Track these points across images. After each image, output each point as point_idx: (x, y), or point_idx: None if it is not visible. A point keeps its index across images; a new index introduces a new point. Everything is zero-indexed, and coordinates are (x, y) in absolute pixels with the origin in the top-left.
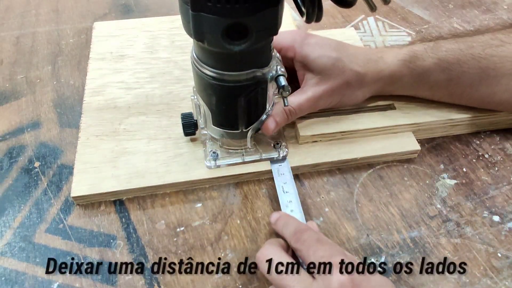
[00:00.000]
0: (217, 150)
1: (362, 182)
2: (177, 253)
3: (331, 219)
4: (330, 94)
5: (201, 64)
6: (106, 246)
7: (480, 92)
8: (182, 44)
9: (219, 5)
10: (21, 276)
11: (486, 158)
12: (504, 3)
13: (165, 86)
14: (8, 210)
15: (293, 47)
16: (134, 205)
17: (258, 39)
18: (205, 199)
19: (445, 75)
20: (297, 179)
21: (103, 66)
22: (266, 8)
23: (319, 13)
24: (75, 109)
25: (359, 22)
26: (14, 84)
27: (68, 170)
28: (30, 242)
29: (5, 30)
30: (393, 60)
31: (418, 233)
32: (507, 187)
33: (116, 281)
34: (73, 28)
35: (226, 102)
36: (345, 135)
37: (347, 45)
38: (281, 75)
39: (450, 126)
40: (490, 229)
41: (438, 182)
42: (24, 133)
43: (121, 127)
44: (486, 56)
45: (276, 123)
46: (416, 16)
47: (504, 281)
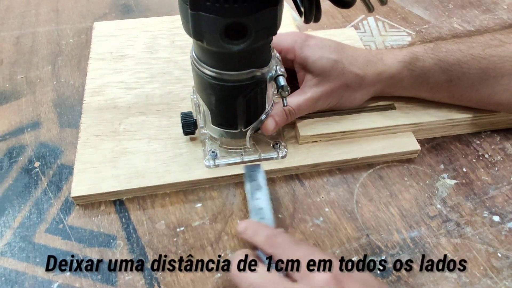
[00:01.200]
0: (216, 149)
1: (362, 182)
2: (177, 253)
3: (331, 219)
4: (329, 96)
5: (200, 63)
6: (106, 246)
7: (480, 93)
8: (182, 44)
9: (218, 5)
10: (21, 276)
11: (486, 158)
12: (504, 3)
13: (165, 86)
14: (8, 210)
15: (293, 49)
16: (134, 205)
17: (257, 39)
18: (205, 199)
19: (445, 76)
20: (297, 179)
21: (103, 66)
22: (265, 7)
23: (317, 13)
24: (75, 109)
25: (359, 22)
26: (14, 84)
27: (68, 170)
28: (30, 242)
29: (5, 30)
30: (392, 62)
31: (418, 233)
32: (507, 187)
33: (116, 281)
34: (73, 28)
35: (225, 102)
36: (345, 135)
37: (347, 46)
38: (281, 75)
39: (450, 126)
40: (490, 229)
41: (438, 182)
42: (24, 133)
43: (121, 127)
44: (486, 56)
45: (275, 123)
46: (416, 16)
47: (504, 281)
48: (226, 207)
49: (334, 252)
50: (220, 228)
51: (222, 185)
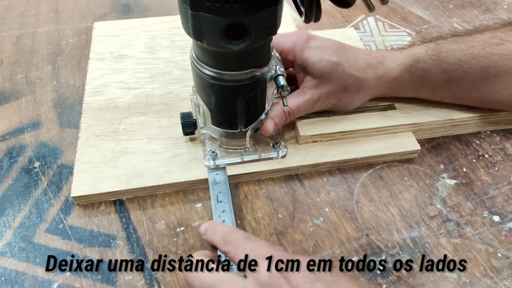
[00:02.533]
0: (216, 149)
1: (362, 182)
2: (177, 253)
3: (331, 219)
4: (328, 97)
5: (200, 63)
6: (106, 246)
7: (481, 91)
8: (182, 44)
9: (218, 5)
10: (21, 276)
11: (486, 158)
12: (504, 3)
13: (165, 86)
14: (8, 210)
15: (293, 50)
16: (134, 205)
17: (257, 39)
18: (205, 199)
19: (446, 76)
20: (297, 179)
21: (103, 66)
22: (265, 7)
23: (317, 12)
24: (75, 109)
25: (359, 22)
26: (14, 84)
27: (68, 170)
28: (30, 242)
29: (5, 30)
30: (393, 65)
31: (418, 233)
32: (507, 187)
33: (116, 281)
34: (73, 28)
35: (225, 102)
36: (345, 135)
37: (348, 48)
38: (280, 75)
39: (450, 126)
40: (490, 229)
41: (438, 182)
42: (24, 133)
43: (121, 127)
44: (487, 54)
45: (275, 124)
46: (416, 16)
47: (504, 281)
48: None
49: (334, 252)
50: None
51: None
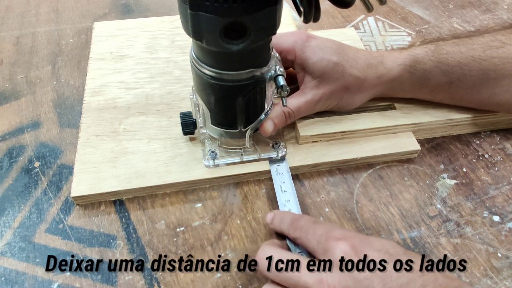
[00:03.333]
0: (216, 149)
1: (362, 182)
2: (177, 253)
3: (331, 219)
4: (328, 97)
5: (200, 63)
6: (106, 246)
7: (480, 94)
8: (182, 44)
9: (217, 4)
10: (21, 276)
11: (486, 158)
12: (504, 3)
13: (165, 86)
14: (8, 210)
15: (293, 50)
16: (134, 205)
17: (257, 39)
18: (205, 199)
19: (446, 78)
20: (297, 179)
21: (103, 66)
22: (264, 7)
23: (316, 13)
24: (75, 109)
25: (359, 22)
26: (14, 84)
27: (68, 170)
28: (30, 242)
29: (5, 30)
30: (393, 65)
31: (418, 233)
32: (507, 187)
33: (116, 281)
34: (73, 28)
35: (225, 102)
36: (345, 135)
37: (348, 48)
38: (280, 75)
39: (450, 126)
40: (490, 229)
41: (438, 182)
42: (24, 133)
43: (121, 127)
44: (487, 57)
45: (274, 125)
46: (416, 16)
47: (504, 281)
48: (226, 207)
49: None
50: (220, 228)
51: (222, 185)
